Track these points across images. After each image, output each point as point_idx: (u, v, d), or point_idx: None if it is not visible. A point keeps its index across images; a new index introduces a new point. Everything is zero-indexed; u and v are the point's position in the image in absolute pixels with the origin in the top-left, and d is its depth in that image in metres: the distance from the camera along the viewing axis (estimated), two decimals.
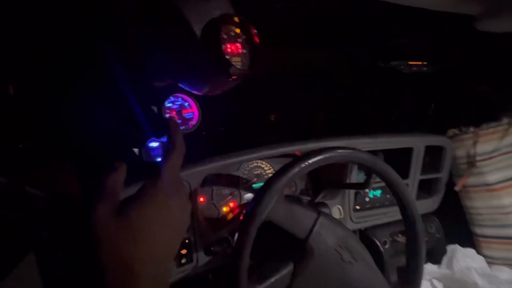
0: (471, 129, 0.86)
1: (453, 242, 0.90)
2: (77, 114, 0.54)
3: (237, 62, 0.27)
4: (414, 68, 0.77)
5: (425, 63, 0.76)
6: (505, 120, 0.84)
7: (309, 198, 0.75)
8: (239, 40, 0.27)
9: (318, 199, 0.74)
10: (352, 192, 0.77)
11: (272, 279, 0.48)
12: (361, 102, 0.97)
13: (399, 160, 0.81)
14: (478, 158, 0.84)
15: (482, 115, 0.88)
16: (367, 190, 0.83)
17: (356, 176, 0.77)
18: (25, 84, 0.54)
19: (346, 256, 0.50)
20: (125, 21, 0.34)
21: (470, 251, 0.86)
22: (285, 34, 0.70)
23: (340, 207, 0.76)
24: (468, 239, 0.92)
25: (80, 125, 0.54)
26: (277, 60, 0.79)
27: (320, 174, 0.78)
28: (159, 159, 0.41)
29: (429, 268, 0.88)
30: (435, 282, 0.87)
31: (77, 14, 0.42)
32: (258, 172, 0.75)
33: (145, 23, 0.32)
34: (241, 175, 0.72)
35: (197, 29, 0.28)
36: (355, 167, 0.76)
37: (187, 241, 0.57)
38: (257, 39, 0.28)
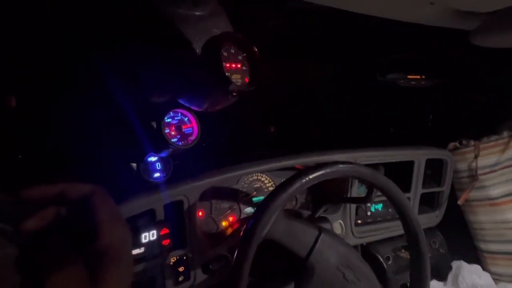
0: (472, 142, 0.85)
1: (457, 257, 0.88)
2: (76, 128, 0.53)
3: (236, 79, 0.27)
4: (413, 82, 0.77)
5: (423, 76, 0.77)
6: (506, 134, 0.84)
7: (309, 213, 0.74)
8: (239, 57, 0.27)
9: (319, 213, 0.73)
10: (353, 206, 0.76)
11: None
12: (359, 115, 0.97)
13: (400, 173, 0.80)
14: (479, 171, 0.84)
15: (480, 127, 0.88)
16: (368, 204, 0.81)
17: (357, 190, 0.76)
18: (24, 96, 0.54)
19: (349, 275, 0.49)
20: (125, 38, 0.34)
21: (476, 268, 0.84)
22: (285, 49, 0.71)
23: (341, 222, 0.75)
24: (472, 254, 0.90)
25: (77, 139, 0.53)
26: (278, 74, 0.80)
27: (321, 187, 0.77)
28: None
29: (434, 286, 0.85)
30: None
31: (77, 31, 0.42)
32: (258, 185, 0.74)
33: (145, 40, 0.32)
34: (240, 189, 0.71)
35: (197, 47, 0.28)
36: (356, 180, 0.75)
37: (185, 257, 0.56)
38: (258, 57, 0.28)
